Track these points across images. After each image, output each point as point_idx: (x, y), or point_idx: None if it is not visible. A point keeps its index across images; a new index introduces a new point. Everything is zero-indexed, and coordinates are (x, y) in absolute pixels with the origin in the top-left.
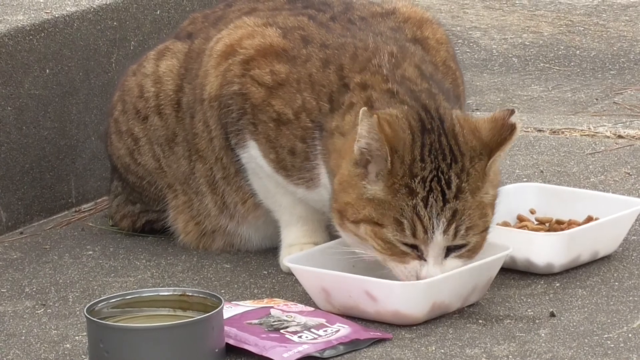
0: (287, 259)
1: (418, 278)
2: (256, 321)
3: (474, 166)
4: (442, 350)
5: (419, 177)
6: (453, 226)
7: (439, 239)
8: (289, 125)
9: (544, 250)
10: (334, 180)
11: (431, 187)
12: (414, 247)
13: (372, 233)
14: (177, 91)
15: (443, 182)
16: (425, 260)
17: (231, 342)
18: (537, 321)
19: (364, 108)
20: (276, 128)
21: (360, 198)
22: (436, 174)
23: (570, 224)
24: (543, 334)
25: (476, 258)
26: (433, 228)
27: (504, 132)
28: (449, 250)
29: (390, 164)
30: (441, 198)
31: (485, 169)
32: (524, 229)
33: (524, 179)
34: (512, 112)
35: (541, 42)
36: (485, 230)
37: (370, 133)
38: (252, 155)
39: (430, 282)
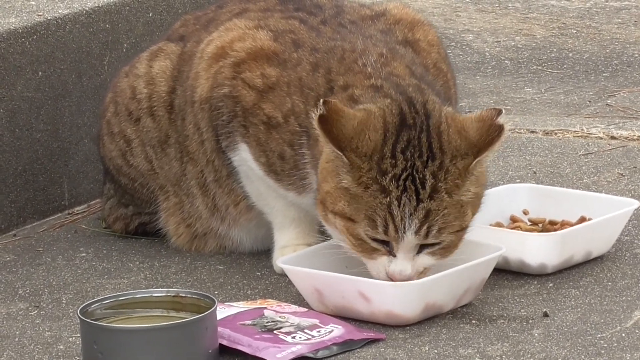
0: (280, 260)
1: (387, 273)
2: (249, 322)
3: (455, 164)
4: (436, 351)
5: (390, 175)
6: (425, 226)
7: (410, 238)
8: (278, 129)
9: (537, 251)
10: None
11: (405, 186)
12: (384, 243)
13: (345, 228)
14: (170, 93)
15: (417, 181)
16: (394, 256)
17: (224, 342)
18: (530, 321)
19: (322, 99)
20: (266, 131)
21: (337, 187)
22: (410, 172)
23: (563, 224)
24: (536, 334)
25: (464, 253)
26: (405, 228)
27: (491, 132)
28: (421, 247)
29: (347, 159)
30: (415, 198)
31: (469, 169)
32: (517, 230)
33: (517, 180)
34: (499, 111)
35: (534, 44)
36: (463, 229)
37: (315, 126)
38: (244, 157)
39: (423, 282)
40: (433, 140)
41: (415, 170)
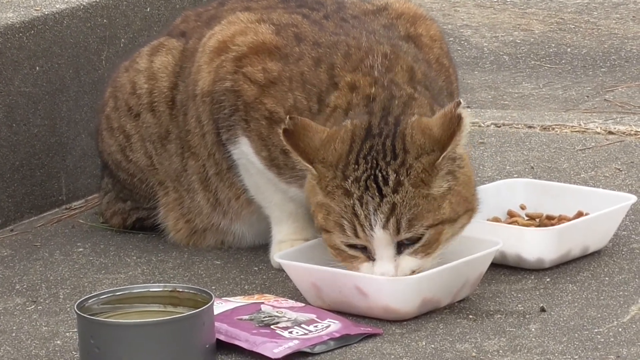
0: (278, 255)
1: None
2: (247, 317)
3: (419, 160)
4: (433, 346)
5: (352, 178)
6: (392, 220)
7: (380, 235)
8: (281, 124)
9: (535, 246)
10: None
11: (367, 185)
12: (362, 248)
13: (325, 241)
14: (172, 88)
15: (380, 178)
16: (374, 259)
17: (222, 337)
18: (527, 316)
19: (288, 116)
20: (268, 126)
21: (318, 203)
22: (372, 172)
23: (561, 219)
24: (533, 329)
25: (461, 248)
26: (371, 224)
27: (452, 124)
28: (401, 247)
29: (315, 170)
30: (377, 194)
31: (436, 164)
32: (515, 225)
33: (515, 175)
34: (458, 103)
35: (532, 39)
36: (440, 223)
37: (282, 141)
38: (244, 151)
39: (420, 277)
40: (397, 143)
41: (378, 170)
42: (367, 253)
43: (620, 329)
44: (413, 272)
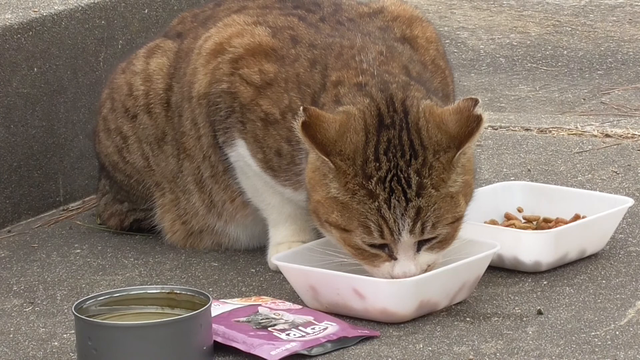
0: (275, 257)
1: (393, 277)
2: (244, 319)
3: (438, 159)
4: (430, 348)
5: (376, 178)
6: (419, 224)
7: (406, 238)
8: (275, 125)
9: (532, 249)
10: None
11: (392, 188)
12: (383, 247)
13: (342, 240)
14: (167, 90)
15: (403, 181)
16: (396, 259)
17: (219, 339)
18: (524, 319)
19: (302, 107)
20: (264, 127)
21: (327, 197)
22: (395, 172)
23: (558, 222)
24: (530, 332)
25: (459, 251)
26: (399, 229)
27: (470, 124)
28: (419, 244)
29: (333, 164)
30: (403, 198)
31: (453, 162)
32: (512, 227)
33: (512, 178)
34: (476, 101)
35: (529, 42)
36: (457, 220)
37: (299, 134)
38: (241, 153)
39: (417, 280)
40: (414, 137)
41: (399, 170)
42: (388, 252)
43: (617, 332)
44: (428, 267)
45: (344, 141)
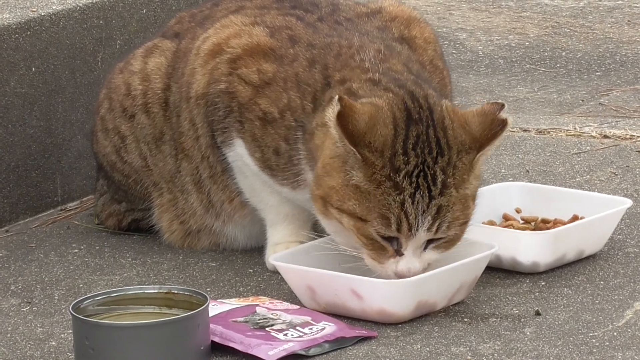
0: (273, 257)
1: (396, 273)
2: (242, 319)
3: (461, 160)
4: (428, 349)
5: (404, 172)
6: (437, 223)
7: (421, 235)
8: (274, 124)
9: (530, 249)
10: (317, 165)
11: (418, 183)
12: (393, 240)
13: (355, 228)
14: (165, 90)
15: (429, 177)
16: (402, 254)
17: (217, 339)
18: (522, 320)
19: (337, 95)
20: (262, 127)
21: (346, 184)
22: (422, 168)
23: (556, 223)
24: (528, 333)
25: (457, 251)
26: (418, 225)
27: (494, 127)
28: (428, 242)
29: (360, 155)
30: (427, 194)
31: (473, 163)
32: (510, 228)
33: (510, 179)
34: (502, 106)
35: (527, 43)
36: (466, 223)
37: (331, 123)
38: (239, 153)
39: (415, 280)
40: (440, 135)
41: (426, 167)
42: (397, 246)
43: (615, 333)
44: (428, 265)
45: (373, 133)
